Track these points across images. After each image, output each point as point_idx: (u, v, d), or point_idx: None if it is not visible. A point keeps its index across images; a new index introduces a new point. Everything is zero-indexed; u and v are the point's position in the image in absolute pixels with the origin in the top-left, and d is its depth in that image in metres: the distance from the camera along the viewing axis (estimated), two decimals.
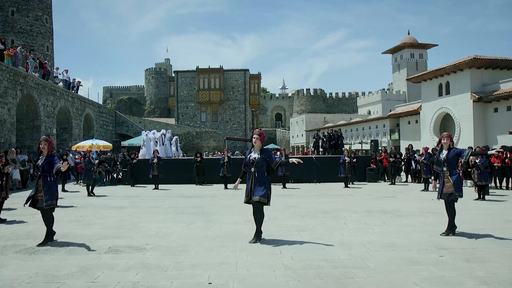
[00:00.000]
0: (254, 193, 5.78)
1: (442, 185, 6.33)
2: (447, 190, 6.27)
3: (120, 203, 10.84)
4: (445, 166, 6.31)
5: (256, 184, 5.80)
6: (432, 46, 65.27)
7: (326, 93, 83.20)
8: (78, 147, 21.69)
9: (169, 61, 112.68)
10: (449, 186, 6.26)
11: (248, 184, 5.88)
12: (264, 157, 5.88)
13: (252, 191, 5.80)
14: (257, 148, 5.98)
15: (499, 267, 4.55)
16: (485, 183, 11.24)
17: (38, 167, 6.06)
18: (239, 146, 50.55)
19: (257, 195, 5.75)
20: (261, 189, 5.77)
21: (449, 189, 6.25)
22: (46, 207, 5.94)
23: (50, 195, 5.99)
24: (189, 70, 54.85)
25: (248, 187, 5.87)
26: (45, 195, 5.93)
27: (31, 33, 37.69)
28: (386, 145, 36.26)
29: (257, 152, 5.93)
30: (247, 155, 6.03)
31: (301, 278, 4.20)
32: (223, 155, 16.07)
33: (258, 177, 5.82)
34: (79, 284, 4.09)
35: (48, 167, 6.04)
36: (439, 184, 6.40)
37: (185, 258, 5.02)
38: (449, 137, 6.45)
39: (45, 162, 6.05)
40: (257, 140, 5.95)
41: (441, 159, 6.36)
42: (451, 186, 6.23)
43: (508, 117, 27.61)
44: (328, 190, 14.11)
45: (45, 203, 5.92)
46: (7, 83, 18.22)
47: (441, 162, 6.38)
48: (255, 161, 5.84)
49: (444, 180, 6.33)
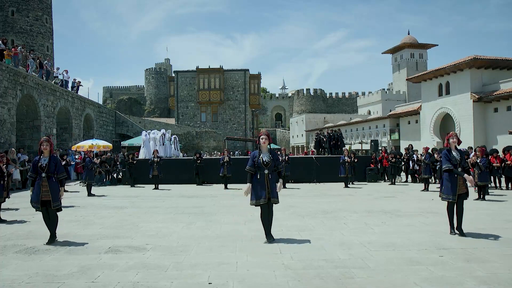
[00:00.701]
0: (272, 194, 5.78)
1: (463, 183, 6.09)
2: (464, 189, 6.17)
3: (120, 203, 10.84)
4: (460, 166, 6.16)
5: (272, 185, 5.81)
6: (432, 46, 65.28)
7: (326, 93, 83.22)
8: (78, 147, 21.68)
9: (169, 61, 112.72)
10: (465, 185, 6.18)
11: (260, 186, 5.78)
12: (274, 158, 5.89)
13: (269, 192, 5.77)
14: (265, 149, 5.94)
15: (499, 267, 4.55)
16: (485, 183, 11.24)
17: (42, 168, 6.05)
18: (239, 146, 50.55)
19: (275, 196, 5.82)
20: (275, 190, 5.83)
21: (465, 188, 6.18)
22: (54, 208, 6.02)
23: (56, 196, 6.06)
24: (189, 70, 54.83)
25: (260, 188, 5.78)
26: (52, 196, 5.99)
27: (31, 33, 37.69)
28: (386, 145, 36.24)
29: (266, 153, 5.91)
30: (256, 156, 5.90)
31: (301, 278, 4.19)
32: (223, 155, 16.07)
33: (272, 179, 5.84)
34: (79, 284, 4.09)
35: (54, 168, 6.06)
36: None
37: (185, 258, 5.02)
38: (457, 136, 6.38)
39: (50, 163, 6.05)
40: (266, 140, 5.92)
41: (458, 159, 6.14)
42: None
43: (508, 117, 27.61)
44: (328, 190, 14.11)
45: (53, 203, 5.99)
46: (7, 83, 18.22)
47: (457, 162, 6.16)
48: (269, 162, 5.82)
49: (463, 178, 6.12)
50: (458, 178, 6.06)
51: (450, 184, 6.13)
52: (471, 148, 15.64)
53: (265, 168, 5.82)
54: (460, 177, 6.06)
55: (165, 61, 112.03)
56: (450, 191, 6.12)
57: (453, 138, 6.26)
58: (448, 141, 6.35)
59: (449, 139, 6.32)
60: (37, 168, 6.09)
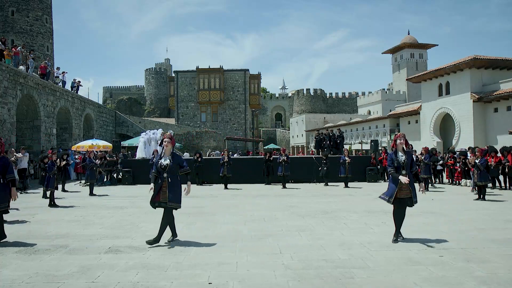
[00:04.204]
0: (170, 198, 5.77)
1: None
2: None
3: (120, 203, 10.84)
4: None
5: (171, 190, 5.78)
6: (432, 46, 65.32)
7: (326, 93, 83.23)
8: (78, 147, 21.67)
9: (169, 61, 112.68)
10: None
11: (158, 189, 5.81)
12: (175, 162, 5.82)
13: (167, 197, 5.77)
14: (168, 152, 5.88)
15: (499, 267, 4.55)
16: (485, 183, 11.24)
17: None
18: (239, 146, 50.54)
19: (172, 200, 5.79)
20: (175, 194, 5.82)
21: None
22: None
23: (3, 199, 5.95)
24: (189, 70, 54.75)
25: (157, 192, 5.82)
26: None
27: (31, 33, 37.68)
28: (386, 145, 36.23)
29: (168, 157, 5.84)
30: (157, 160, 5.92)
31: (301, 278, 4.20)
32: (223, 155, 16.06)
33: (172, 182, 5.80)
34: (79, 284, 4.09)
35: (0, 169, 5.92)
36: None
37: (185, 258, 5.02)
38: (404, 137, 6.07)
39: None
40: (168, 144, 5.86)
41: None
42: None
43: (508, 117, 27.62)
44: (328, 190, 14.11)
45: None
46: (7, 83, 18.21)
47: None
48: (167, 166, 5.77)
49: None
50: (399, 182, 5.68)
51: (392, 186, 5.83)
52: (470, 148, 15.62)
53: (164, 172, 5.78)
54: (405, 181, 5.66)
55: (165, 61, 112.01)
56: (388, 192, 5.85)
57: (401, 140, 5.90)
58: (395, 142, 5.98)
59: (397, 140, 5.95)
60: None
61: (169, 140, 5.87)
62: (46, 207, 9.97)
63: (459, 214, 8.49)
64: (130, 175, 17.08)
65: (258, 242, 5.88)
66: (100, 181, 16.63)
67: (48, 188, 10.50)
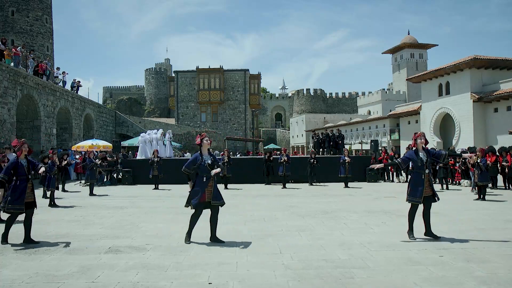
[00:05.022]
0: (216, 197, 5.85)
1: None
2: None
3: (120, 203, 10.84)
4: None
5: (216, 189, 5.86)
6: (432, 46, 65.33)
7: (326, 93, 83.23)
8: (78, 147, 21.67)
9: (169, 61, 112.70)
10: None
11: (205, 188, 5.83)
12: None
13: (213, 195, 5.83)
14: (206, 152, 6.00)
15: (499, 267, 4.55)
16: (485, 183, 11.24)
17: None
18: (239, 146, 50.56)
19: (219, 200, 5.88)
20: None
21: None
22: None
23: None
24: (189, 70, 54.80)
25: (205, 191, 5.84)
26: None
27: (31, 33, 37.67)
28: (386, 145, 36.26)
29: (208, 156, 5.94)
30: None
31: (301, 278, 4.20)
32: (223, 155, 16.06)
33: (216, 180, 5.95)
34: (79, 284, 4.09)
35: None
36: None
37: (185, 258, 5.02)
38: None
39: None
40: (208, 143, 5.99)
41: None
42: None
43: (508, 117, 27.62)
44: (328, 190, 14.11)
45: None
46: (7, 83, 18.22)
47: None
48: (214, 165, 5.88)
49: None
50: (425, 180, 5.85)
51: (417, 186, 5.88)
52: (469, 148, 15.61)
53: (210, 171, 5.86)
54: (426, 179, 5.85)
55: (165, 61, 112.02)
56: (416, 194, 5.88)
57: (421, 139, 6.02)
58: (416, 141, 6.10)
59: (417, 140, 6.07)
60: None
61: (208, 139, 5.98)
62: (46, 207, 9.97)
63: (459, 214, 8.49)
64: (130, 175, 17.12)
65: (258, 242, 5.88)
66: (100, 181, 16.63)
67: (49, 188, 10.51)
